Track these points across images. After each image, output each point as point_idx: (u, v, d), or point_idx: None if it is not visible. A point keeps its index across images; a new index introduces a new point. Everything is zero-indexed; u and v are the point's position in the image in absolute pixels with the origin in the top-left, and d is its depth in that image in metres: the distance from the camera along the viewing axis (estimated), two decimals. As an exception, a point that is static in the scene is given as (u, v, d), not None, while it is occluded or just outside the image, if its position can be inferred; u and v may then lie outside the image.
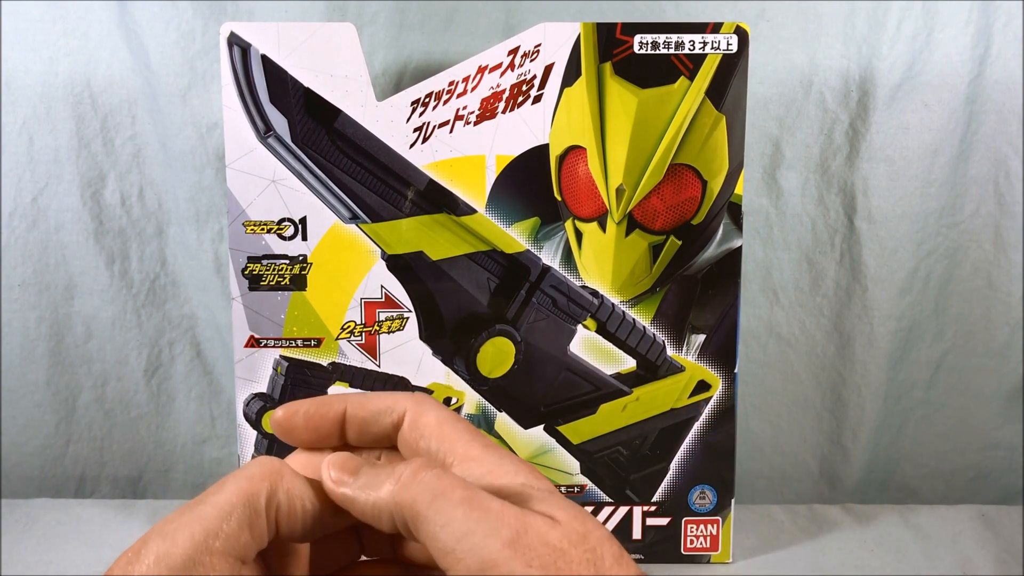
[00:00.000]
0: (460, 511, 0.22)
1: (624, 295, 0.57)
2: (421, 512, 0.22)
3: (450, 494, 0.22)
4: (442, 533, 0.22)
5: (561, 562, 0.21)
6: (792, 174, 0.66)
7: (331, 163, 0.54)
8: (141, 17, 0.63)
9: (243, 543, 0.23)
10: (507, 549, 0.21)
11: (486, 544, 0.21)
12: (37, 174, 0.66)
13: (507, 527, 0.22)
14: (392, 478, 0.23)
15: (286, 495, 0.24)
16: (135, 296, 0.68)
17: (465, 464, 0.25)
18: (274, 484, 0.24)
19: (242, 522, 0.23)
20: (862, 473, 0.71)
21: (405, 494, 0.23)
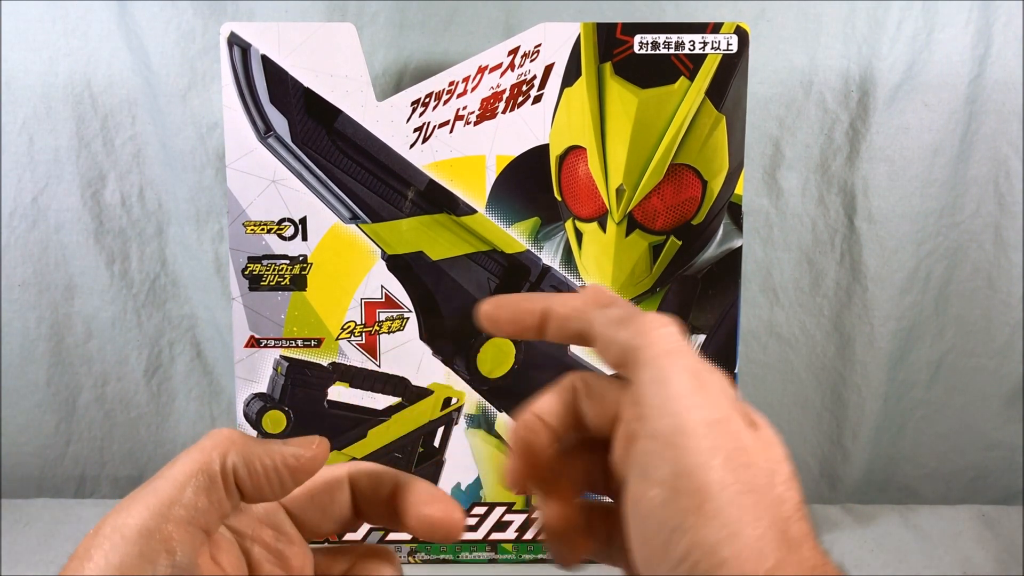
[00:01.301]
0: (686, 376, 0.23)
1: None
2: (653, 358, 0.23)
3: (683, 357, 0.24)
4: (659, 387, 0.23)
5: (743, 461, 0.22)
6: (792, 174, 0.66)
7: (331, 163, 0.54)
8: (141, 17, 0.63)
9: (202, 510, 0.24)
10: (704, 428, 0.22)
11: (691, 415, 0.22)
12: (37, 174, 0.66)
13: (716, 409, 0.23)
14: (640, 317, 0.25)
15: (241, 457, 0.25)
16: (135, 296, 0.68)
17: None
18: (226, 450, 0.25)
19: (198, 489, 0.24)
20: (862, 473, 0.71)
21: (645, 337, 0.24)
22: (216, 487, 0.24)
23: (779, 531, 0.22)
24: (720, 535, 0.22)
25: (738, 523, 0.22)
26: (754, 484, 0.23)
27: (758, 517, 0.22)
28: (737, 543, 0.22)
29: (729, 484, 0.22)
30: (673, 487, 0.22)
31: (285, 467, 0.25)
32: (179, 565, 0.23)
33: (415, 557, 0.60)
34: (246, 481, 0.25)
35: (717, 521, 0.22)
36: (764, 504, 0.22)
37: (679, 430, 0.22)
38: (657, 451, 0.23)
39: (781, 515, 0.23)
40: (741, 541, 0.22)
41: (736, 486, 0.22)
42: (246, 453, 0.25)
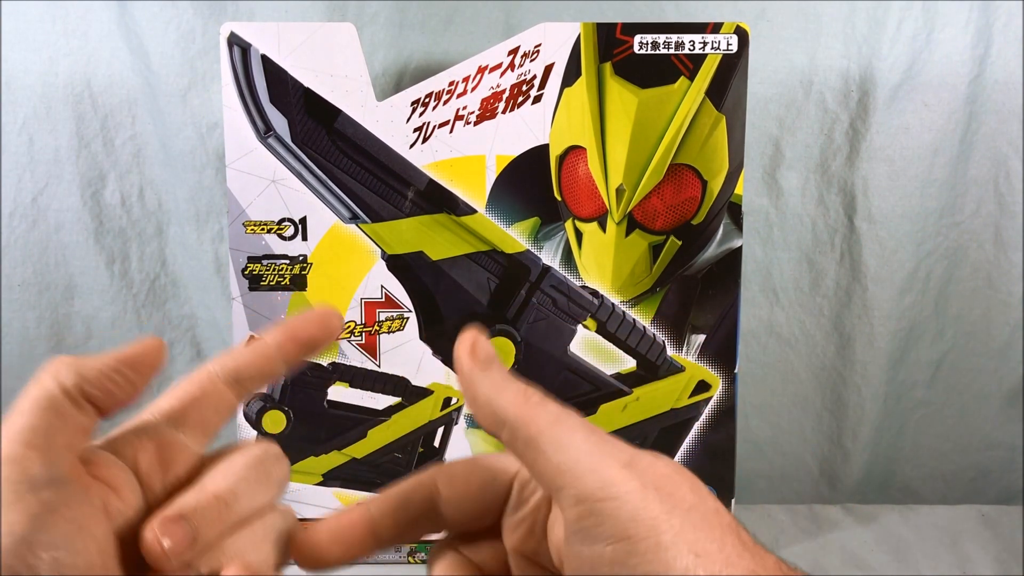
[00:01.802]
0: (580, 435, 0.24)
1: (624, 295, 0.57)
2: (543, 430, 0.24)
3: (569, 421, 0.24)
4: (561, 454, 0.23)
5: (669, 490, 0.23)
6: (792, 174, 0.66)
7: (331, 163, 0.54)
8: (141, 17, 0.63)
9: (56, 428, 0.24)
10: (624, 470, 0.23)
11: (606, 465, 0.23)
12: (37, 174, 0.66)
13: (623, 452, 0.23)
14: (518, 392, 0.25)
15: (74, 371, 0.25)
16: (135, 296, 0.68)
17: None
18: (57, 370, 0.25)
19: (44, 412, 0.24)
20: (862, 473, 0.71)
21: (529, 411, 0.24)
22: (61, 404, 0.25)
23: (734, 539, 0.23)
24: (687, 560, 0.22)
25: (698, 542, 0.22)
26: (690, 503, 0.23)
27: (711, 531, 0.22)
28: (704, 561, 0.22)
29: (672, 511, 0.22)
30: (624, 537, 0.22)
31: (121, 363, 0.26)
32: (46, 480, 0.23)
33: (415, 557, 0.60)
34: (90, 391, 0.25)
35: (680, 547, 0.22)
36: (709, 518, 0.23)
37: (606, 483, 0.23)
38: (592, 512, 0.23)
39: (727, 524, 0.23)
40: (709, 558, 0.22)
41: (678, 511, 0.22)
42: (78, 366, 0.25)
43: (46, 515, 0.23)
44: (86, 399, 0.25)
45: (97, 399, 0.26)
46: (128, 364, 0.26)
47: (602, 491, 0.23)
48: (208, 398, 0.28)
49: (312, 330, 0.29)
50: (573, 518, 0.23)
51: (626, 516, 0.22)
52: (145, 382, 0.27)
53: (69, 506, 0.23)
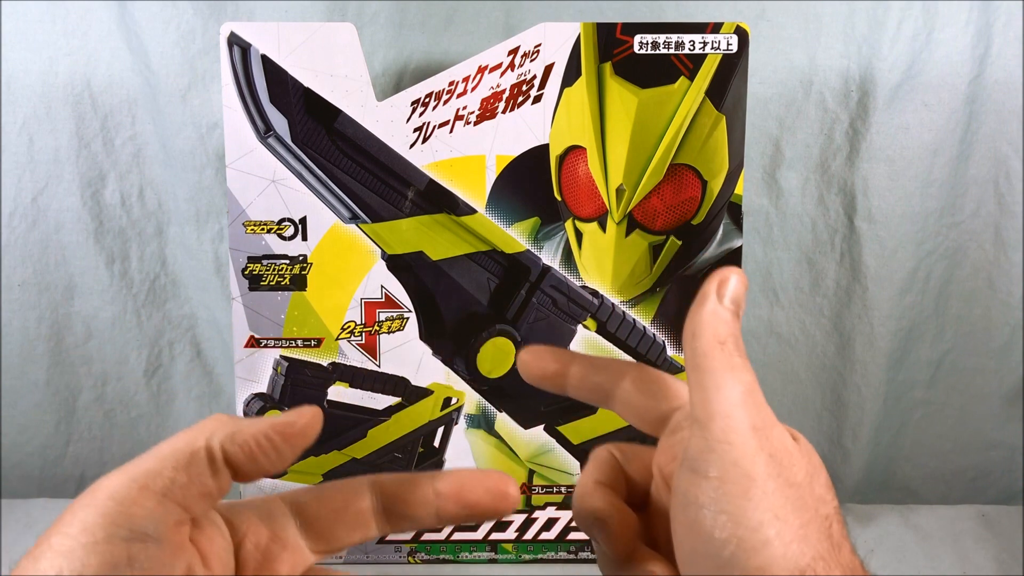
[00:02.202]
0: (739, 389, 0.26)
1: (624, 295, 0.57)
2: (716, 370, 0.26)
3: (740, 375, 0.26)
4: (715, 393, 0.26)
5: (785, 461, 0.25)
6: (792, 174, 0.66)
7: (331, 163, 0.54)
8: (141, 17, 0.63)
9: (179, 484, 0.24)
10: (752, 430, 0.25)
11: (740, 419, 0.25)
12: (37, 174, 0.66)
13: (762, 418, 0.25)
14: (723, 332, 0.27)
15: (228, 432, 0.25)
16: (135, 296, 0.68)
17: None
18: (213, 428, 0.25)
19: (178, 465, 0.24)
20: (862, 473, 0.71)
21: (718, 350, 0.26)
22: (198, 463, 0.24)
23: (821, 527, 0.24)
24: (764, 517, 0.24)
25: (782, 509, 0.24)
26: (796, 481, 0.25)
27: (801, 508, 0.24)
28: (780, 527, 0.23)
29: (773, 475, 0.24)
30: (721, 477, 0.24)
31: (276, 434, 0.25)
32: (142, 533, 0.23)
33: (415, 557, 0.60)
34: (236, 455, 0.25)
35: (763, 504, 0.24)
36: (806, 499, 0.25)
37: (729, 430, 0.25)
38: (707, 448, 0.25)
39: (822, 513, 0.25)
40: (785, 526, 0.23)
41: (780, 479, 0.24)
42: (233, 427, 0.25)
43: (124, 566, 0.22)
44: (228, 463, 0.25)
45: (241, 465, 0.25)
46: (283, 434, 0.26)
47: (723, 435, 0.25)
48: (349, 514, 0.28)
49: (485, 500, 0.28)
50: (694, 448, 0.25)
51: (730, 460, 0.24)
52: (295, 456, 0.26)
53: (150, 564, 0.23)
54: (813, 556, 0.23)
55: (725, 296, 0.27)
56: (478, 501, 0.28)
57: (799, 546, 0.23)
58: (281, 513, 0.27)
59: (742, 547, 0.23)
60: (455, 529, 0.60)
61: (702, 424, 0.25)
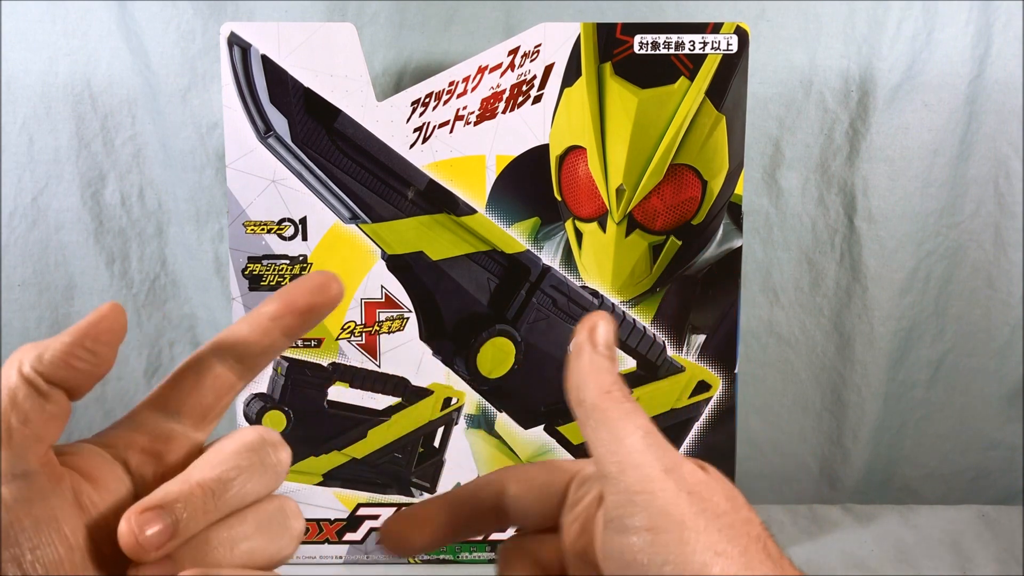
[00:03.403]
0: (639, 435, 0.26)
1: (624, 295, 0.57)
2: (613, 421, 0.26)
3: (636, 421, 0.26)
4: (618, 446, 0.26)
5: (705, 495, 0.25)
6: (792, 174, 0.66)
7: (331, 163, 0.54)
8: (141, 17, 0.63)
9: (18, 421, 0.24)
10: (665, 472, 0.25)
11: (650, 464, 0.25)
12: (37, 174, 0.66)
13: (670, 458, 0.26)
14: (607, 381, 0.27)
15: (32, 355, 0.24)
16: (135, 296, 0.68)
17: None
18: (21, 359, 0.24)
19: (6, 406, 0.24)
20: (862, 473, 0.71)
21: (607, 401, 0.26)
22: (23, 396, 0.24)
23: (758, 549, 0.24)
24: (706, 557, 0.23)
25: (719, 543, 0.24)
26: (721, 510, 0.25)
27: (735, 536, 0.24)
28: (724, 562, 0.23)
29: (700, 512, 0.24)
30: (651, 528, 0.24)
31: (81, 336, 0.25)
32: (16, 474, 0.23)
33: (415, 557, 0.60)
34: (53, 372, 0.25)
35: (701, 544, 0.24)
36: (736, 526, 0.25)
37: (644, 478, 0.25)
38: (628, 501, 0.25)
39: (754, 535, 0.25)
40: (727, 560, 0.24)
41: (707, 514, 0.24)
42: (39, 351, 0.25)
43: (7, 512, 0.22)
44: (52, 383, 0.25)
45: (64, 380, 0.25)
46: (88, 336, 0.25)
47: (639, 485, 0.25)
48: (204, 382, 0.28)
49: (310, 297, 0.28)
50: (612, 505, 0.25)
51: (656, 510, 0.24)
52: (111, 351, 0.26)
53: (33, 502, 0.23)
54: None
55: (599, 343, 0.27)
56: (306, 301, 0.28)
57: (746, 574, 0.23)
58: (145, 415, 0.27)
59: None
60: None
61: (614, 479, 0.25)
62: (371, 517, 0.59)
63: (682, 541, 0.24)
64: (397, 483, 0.59)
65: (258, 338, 0.28)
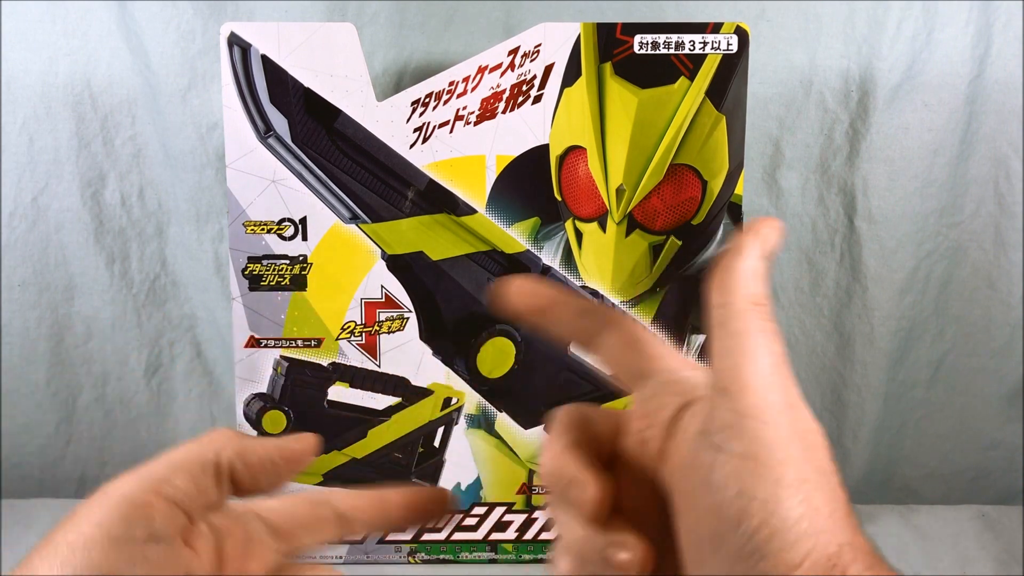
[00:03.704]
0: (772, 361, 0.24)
1: (624, 295, 0.57)
2: (752, 334, 0.24)
3: (775, 346, 0.24)
4: (748, 362, 0.24)
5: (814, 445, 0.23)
6: (792, 174, 0.66)
7: (331, 163, 0.54)
8: (141, 17, 0.63)
9: (188, 494, 0.25)
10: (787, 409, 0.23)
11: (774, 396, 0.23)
12: (37, 174, 0.66)
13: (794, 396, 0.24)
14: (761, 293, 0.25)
15: (236, 450, 0.27)
16: (135, 296, 0.68)
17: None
18: (223, 444, 0.27)
19: (188, 475, 0.26)
20: (862, 473, 0.71)
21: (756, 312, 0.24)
22: (206, 476, 0.26)
23: (846, 514, 0.23)
24: (801, 508, 0.22)
25: (815, 499, 0.22)
26: (824, 467, 0.23)
27: (830, 497, 0.23)
28: (813, 518, 0.22)
29: (805, 461, 0.23)
30: (753, 457, 0.22)
31: (279, 456, 0.27)
32: (156, 534, 0.24)
33: (415, 557, 0.60)
34: (242, 472, 0.27)
35: (798, 493, 0.22)
36: (832, 486, 0.23)
37: (764, 405, 0.23)
38: (737, 423, 0.23)
39: (842, 499, 0.23)
40: (817, 516, 0.22)
41: (811, 464, 0.23)
42: (242, 446, 0.27)
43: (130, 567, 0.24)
44: (232, 478, 0.27)
45: (243, 481, 0.27)
46: (286, 458, 0.28)
47: (755, 410, 0.23)
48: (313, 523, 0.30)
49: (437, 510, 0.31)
50: (718, 420, 0.23)
51: (764, 440, 0.22)
52: (292, 477, 0.28)
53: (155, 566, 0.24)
54: (840, 543, 0.22)
55: (767, 251, 0.25)
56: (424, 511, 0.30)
57: (828, 536, 0.22)
58: (251, 516, 0.29)
59: (773, 538, 0.21)
60: (455, 529, 0.60)
61: (732, 395, 0.23)
62: (371, 517, 0.59)
63: (780, 481, 0.22)
64: (397, 483, 0.59)
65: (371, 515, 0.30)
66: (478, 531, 0.60)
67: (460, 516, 0.60)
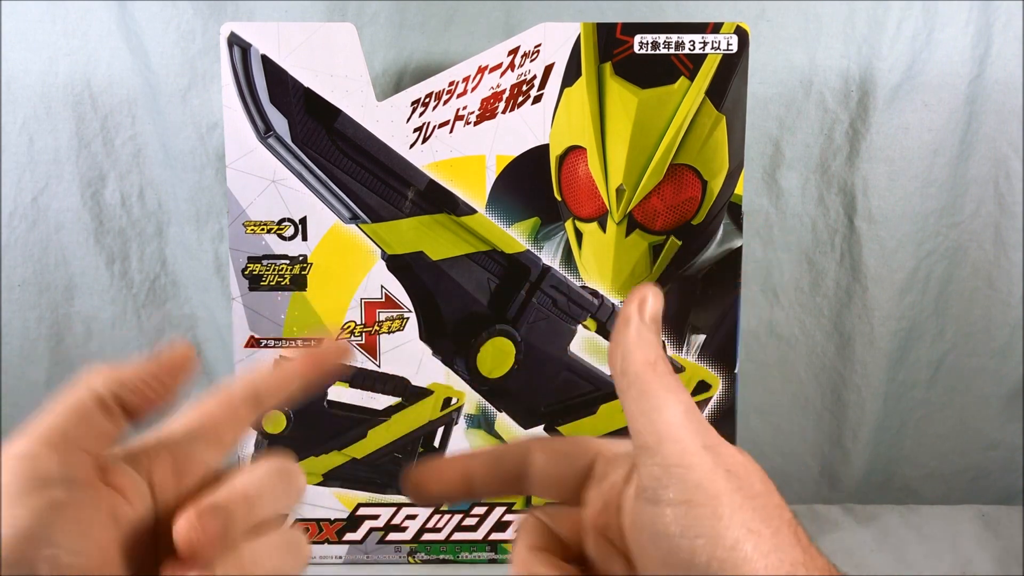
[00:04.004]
0: (680, 410, 0.26)
1: (624, 295, 0.57)
2: (655, 393, 0.26)
3: (679, 396, 0.26)
4: (658, 417, 0.26)
5: (741, 475, 0.25)
6: (792, 174, 0.66)
7: (331, 163, 0.54)
8: (141, 17, 0.63)
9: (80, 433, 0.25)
10: (704, 449, 0.25)
11: (690, 439, 0.25)
12: (37, 174, 0.66)
13: (709, 437, 0.26)
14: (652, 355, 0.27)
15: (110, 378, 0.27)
16: (135, 296, 0.68)
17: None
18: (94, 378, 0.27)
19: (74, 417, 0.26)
20: (862, 473, 0.71)
21: (651, 373, 0.26)
22: (93, 412, 0.26)
23: (791, 532, 0.24)
24: (739, 533, 0.24)
25: (752, 522, 0.24)
26: (756, 491, 0.25)
27: (768, 517, 0.24)
28: (756, 540, 0.23)
29: (735, 490, 0.24)
30: (687, 501, 0.24)
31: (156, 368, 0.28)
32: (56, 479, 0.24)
33: (415, 557, 0.60)
34: (128, 397, 0.27)
35: (735, 521, 0.24)
36: (769, 508, 0.25)
37: (683, 452, 0.25)
38: (664, 473, 0.25)
39: (787, 518, 0.25)
40: (759, 538, 0.24)
41: (741, 492, 0.24)
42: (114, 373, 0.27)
43: (51, 513, 0.23)
44: (119, 404, 0.27)
45: (131, 404, 0.27)
46: (165, 369, 0.28)
47: (677, 458, 0.25)
48: (225, 415, 0.30)
49: (333, 359, 0.32)
50: (647, 476, 0.25)
51: (692, 483, 0.24)
52: (177, 386, 0.28)
53: (76, 507, 0.24)
54: (792, 563, 0.23)
55: (646, 315, 0.27)
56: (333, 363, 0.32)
57: (776, 556, 0.23)
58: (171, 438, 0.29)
59: (724, 568, 0.23)
60: (455, 529, 0.60)
61: (652, 450, 0.25)
62: (371, 517, 0.59)
63: (716, 516, 0.24)
64: (397, 483, 0.59)
65: (280, 385, 0.32)
66: (478, 531, 0.60)
67: (460, 516, 0.60)
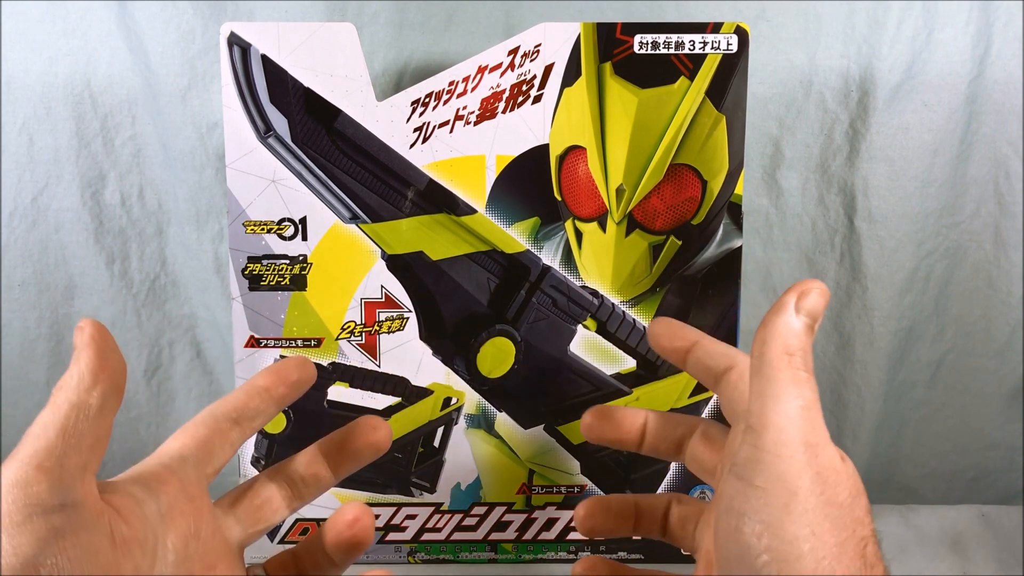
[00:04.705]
0: (799, 405, 0.26)
1: (624, 295, 0.57)
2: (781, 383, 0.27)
3: (802, 392, 0.27)
4: (775, 405, 0.26)
5: (830, 480, 0.26)
6: (792, 174, 0.66)
7: (331, 163, 0.54)
8: (141, 17, 0.63)
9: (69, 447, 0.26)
10: (803, 447, 0.26)
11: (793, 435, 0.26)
12: (37, 174, 0.66)
13: (815, 436, 0.26)
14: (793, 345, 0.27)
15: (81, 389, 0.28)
16: (135, 296, 0.68)
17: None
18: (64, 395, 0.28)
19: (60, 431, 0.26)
20: (862, 473, 0.70)
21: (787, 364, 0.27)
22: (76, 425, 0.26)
23: (856, 547, 0.25)
24: (801, 532, 0.24)
25: (820, 526, 0.25)
26: (838, 501, 0.25)
27: (839, 527, 0.25)
28: (815, 543, 0.24)
29: (816, 493, 0.25)
30: (766, 488, 0.25)
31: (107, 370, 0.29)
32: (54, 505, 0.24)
33: (415, 557, 0.60)
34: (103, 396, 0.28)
35: (802, 520, 0.24)
36: (844, 520, 0.25)
37: (781, 442, 0.26)
38: (756, 457, 0.26)
39: (858, 534, 0.25)
40: (820, 542, 0.24)
41: (822, 497, 0.25)
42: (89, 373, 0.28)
43: (52, 539, 0.23)
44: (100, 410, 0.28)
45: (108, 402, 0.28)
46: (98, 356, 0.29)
47: (772, 446, 0.26)
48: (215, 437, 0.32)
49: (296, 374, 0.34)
50: (743, 455, 0.26)
51: (776, 473, 0.25)
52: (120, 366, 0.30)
53: (75, 532, 0.24)
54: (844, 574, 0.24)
55: (803, 308, 0.28)
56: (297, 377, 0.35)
57: (831, 563, 0.24)
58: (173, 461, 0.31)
59: (775, 558, 0.24)
60: (455, 529, 0.60)
61: (755, 432, 0.26)
62: (371, 517, 0.59)
63: (786, 509, 0.24)
64: (397, 483, 0.59)
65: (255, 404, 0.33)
66: (478, 531, 0.60)
67: (460, 516, 0.60)
